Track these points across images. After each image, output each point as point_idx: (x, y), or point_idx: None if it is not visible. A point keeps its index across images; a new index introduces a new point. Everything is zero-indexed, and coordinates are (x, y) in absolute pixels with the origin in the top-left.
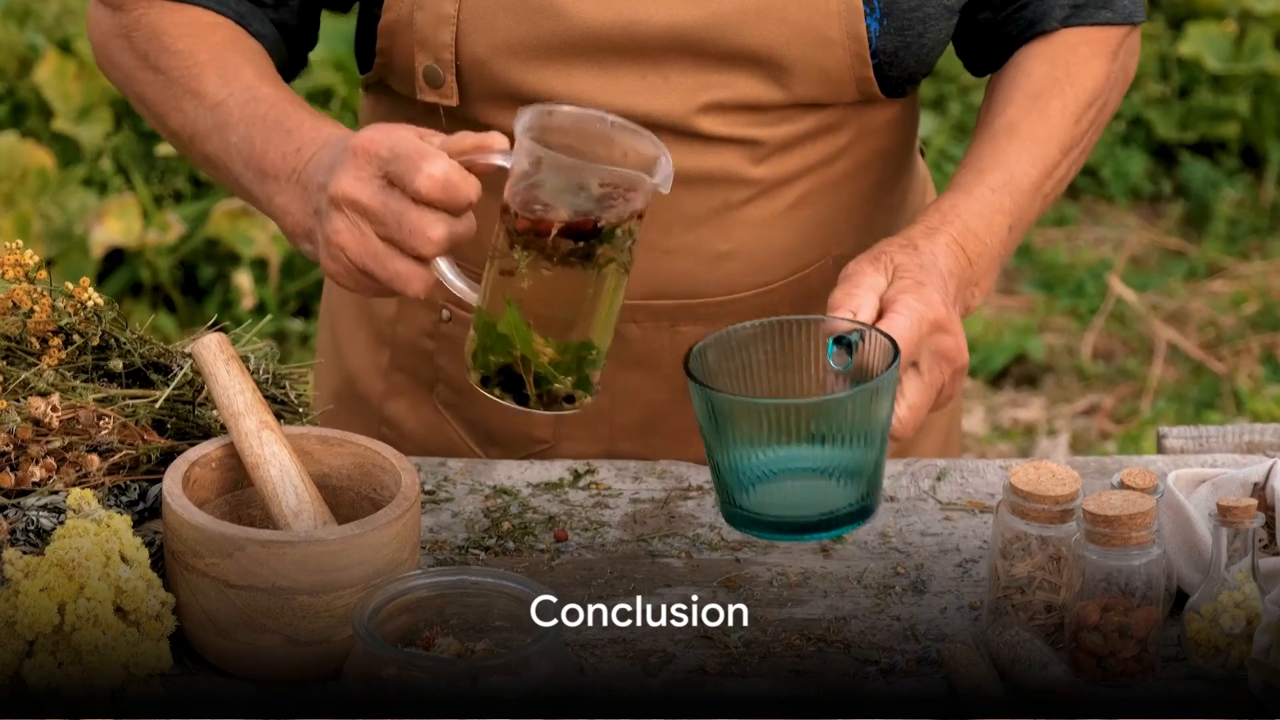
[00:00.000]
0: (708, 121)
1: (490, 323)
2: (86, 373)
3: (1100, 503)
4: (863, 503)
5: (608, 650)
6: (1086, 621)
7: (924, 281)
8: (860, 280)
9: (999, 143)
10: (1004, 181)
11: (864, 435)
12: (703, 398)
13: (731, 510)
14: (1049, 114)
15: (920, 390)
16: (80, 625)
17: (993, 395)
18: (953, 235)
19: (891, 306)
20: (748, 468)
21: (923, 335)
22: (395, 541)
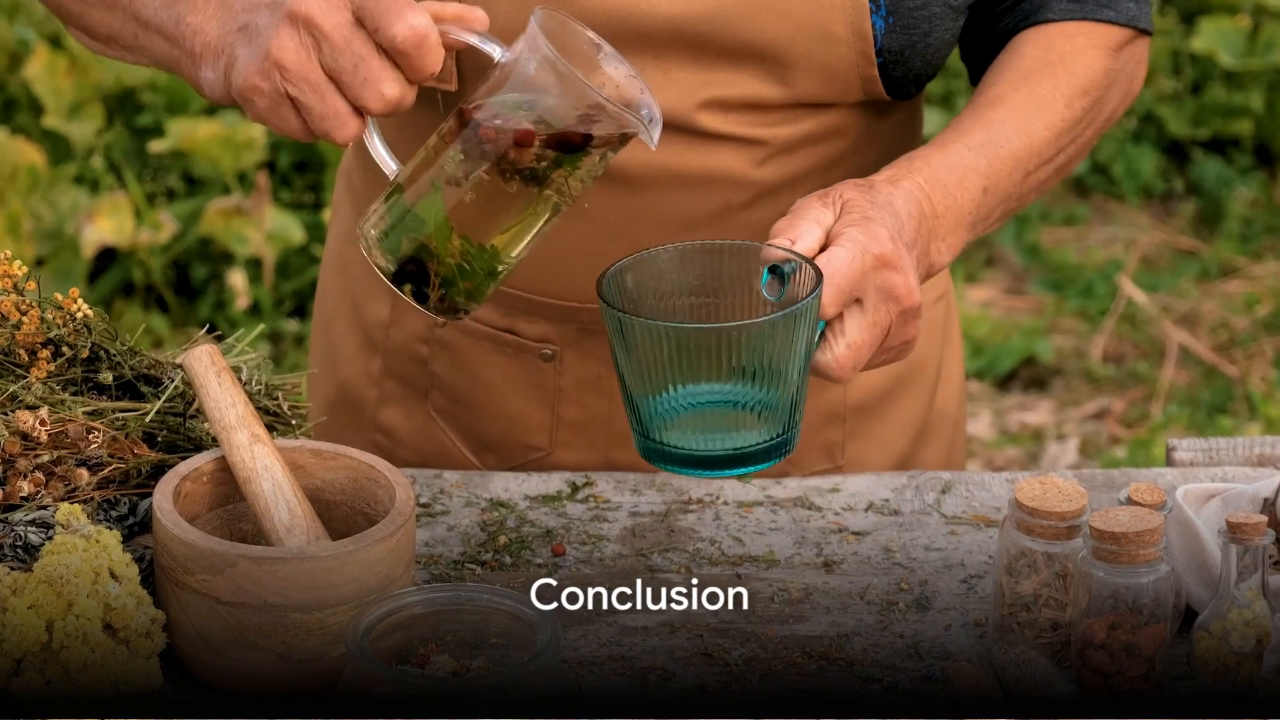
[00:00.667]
0: (709, 118)
1: (408, 206)
2: (76, 385)
3: (1107, 519)
4: (777, 440)
5: (606, 668)
6: (1093, 639)
7: (872, 217)
8: (805, 212)
9: (982, 111)
10: (983, 143)
11: (780, 368)
12: (613, 321)
13: (644, 443)
14: (1038, 92)
15: (862, 329)
16: (69, 643)
17: (1000, 398)
18: (918, 183)
19: (834, 240)
20: (660, 398)
21: (865, 270)
22: (389, 557)
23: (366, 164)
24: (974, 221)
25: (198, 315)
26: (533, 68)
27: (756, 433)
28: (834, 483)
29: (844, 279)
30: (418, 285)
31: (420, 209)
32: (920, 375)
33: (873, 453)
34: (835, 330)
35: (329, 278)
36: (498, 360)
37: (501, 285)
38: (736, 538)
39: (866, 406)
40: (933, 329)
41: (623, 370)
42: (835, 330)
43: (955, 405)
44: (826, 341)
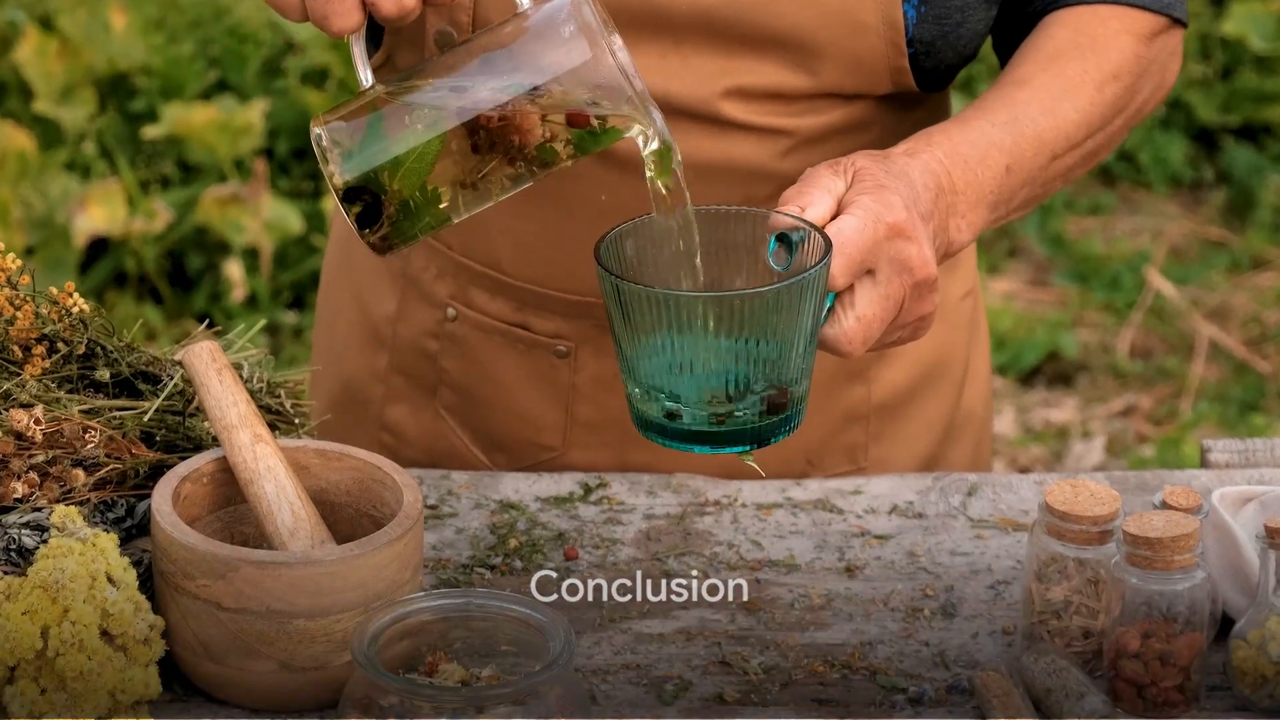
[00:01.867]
0: (731, 107)
1: (384, 136)
2: (71, 383)
3: (1141, 524)
4: (777, 419)
5: (620, 677)
6: (1126, 649)
7: (886, 185)
8: (815, 180)
9: (1007, 90)
10: (1007, 121)
11: (785, 340)
12: (610, 287)
13: (640, 416)
14: (1067, 73)
15: (873, 301)
16: (64, 650)
17: (1023, 395)
18: (937, 156)
19: (845, 208)
20: (658, 370)
21: (877, 239)
22: (396, 562)
23: None
24: (995, 201)
25: (192, 307)
26: (567, 32)
27: (759, 408)
28: (856, 484)
29: (854, 248)
30: (366, 211)
31: (397, 147)
32: (946, 373)
33: (897, 454)
34: (845, 302)
35: (333, 271)
36: (509, 356)
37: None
38: (755, 541)
39: (891, 406)
40: (959, 325)
41: (620, 340)
42: (845, 302)
43: (982, 404)
44: (836, 314)
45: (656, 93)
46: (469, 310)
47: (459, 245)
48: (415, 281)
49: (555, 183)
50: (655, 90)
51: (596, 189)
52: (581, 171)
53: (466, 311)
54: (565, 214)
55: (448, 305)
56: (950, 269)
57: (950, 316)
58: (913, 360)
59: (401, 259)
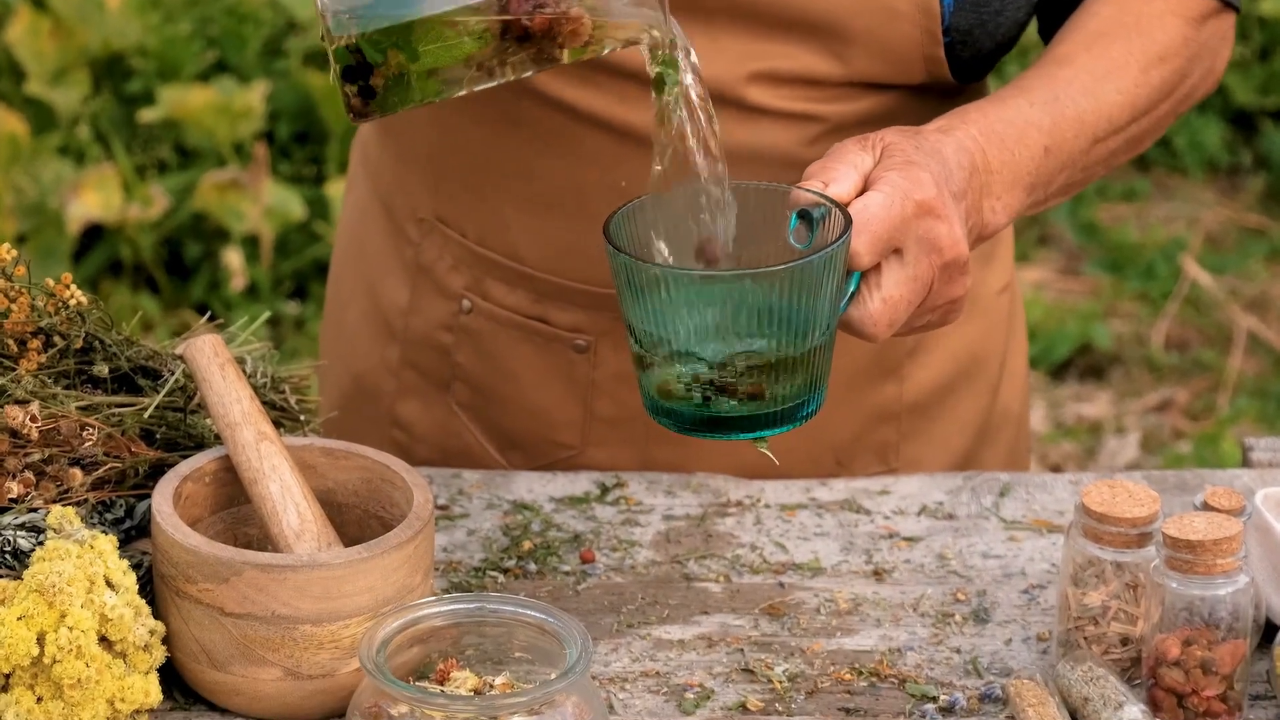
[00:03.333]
0: (757, 92)
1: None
2: (68, 378)
3: (1182, 526)
4: (797, 400)
5: (639, 685)
6: (1166, 656)
7: (916, 161)
8: (841, 155)
9: (1050, 69)
10: (1046, 100)
11: (800, 321)
12: (620, 267)
13: (651, 401)
14: (1111, 53)
15: (900, 282)
16: (61, 657)
17: (1054, 389)
18: (972, 134)
19: (872, 184)
20: (671, 352)
21: (905, 217)
22: (406, 565)
23: (384, 134)
24: (1033, 183)
25: (190, 297)
26: None
27: (776, 392)
28: (884, 484)
29: (880, 225)
30: (360, 70)
31: (414, 17)
32: (982, 371)
33: (930, 454)
34: (871, 283)
35: (343, 260)
36: (526, 351)
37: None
38: (779, 543)
39: (924, 404)
40: (996, 321)
41: (630, 321)
42: (871, 283)
43: (1019, 403)
44: (861, 295)
45: None
46: (485, 302)
47: (475, 234)
48: (428, 272)
49: (575, 171)
50: None
51: (616, 174)
52: (604, 156)
53: (482, 303)
54: (585, 201)
55: (463, 297)
56: (986, 261)
57: (987, 311)
58: (947, 356)
59: (413, 248)
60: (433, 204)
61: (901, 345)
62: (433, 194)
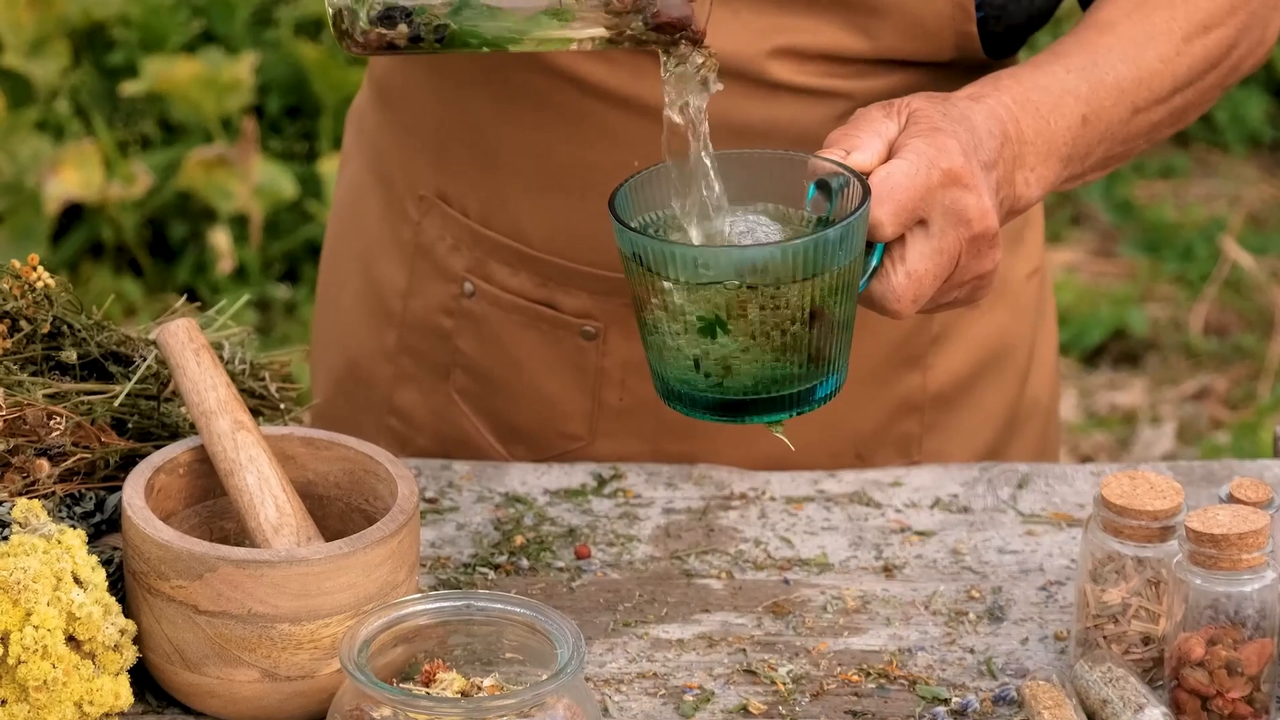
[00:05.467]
0: (779, 68)
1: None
2: (35, 365)
3: (1206, 519)
4: (817, 382)
5: (636, 687)
6: (1190, 656)
7: (942, 128)
8: (864, 122)
9: (1088, 35)
10: (1084, 66)
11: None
12: (627, 243)
13: (663, 384)
14: (1153, 20)
15: (926, 256)
16: (27, 658)
17: (1087, 376)
18: (1005, 101)
19: (896, 152)
20: (682, 330)
21: (931, 186)
22: (390, 561)
23: (383, 106)
24: (1069, 155)
25: (175, 280)
26: None
27: (793, 371)
28: (896, 476)
29: (905, 194)
30: (390, 18)
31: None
32: (1010, 359)
33: (954, 447)
34: (894, 255)
35: (337, 237)
36: (531, 337)
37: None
38: (784, 538)
39: (948, 395)
40: (1026, 307)
41: (639, 300)
42: (894, 255)
43: (1048, 393)
44: (884, 269)
45: None
46: (488, 285)
47: (477, 214)
48: (428, 252)
49: (585, 148)
50: None
51: (628, 152)
52: (615, 132)
53: (485, 287)
54: (595, 179)
55: (464, 280)
56: (1015, 244)
57: (1015, 296)
58: (973, 345)
59: (412, 227)
60: (433, 180)
61: (925, 332)
62: (433, 170)
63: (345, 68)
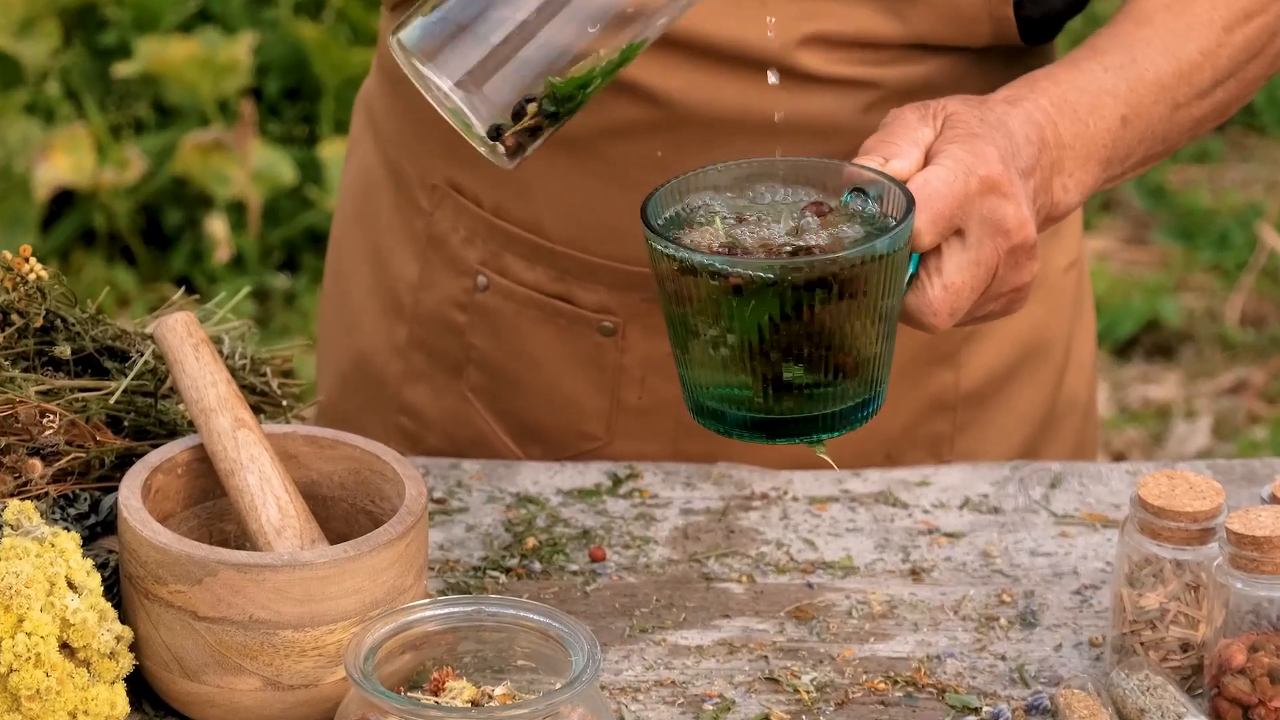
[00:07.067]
0: (810, 57)
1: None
2: (27, 360)
3: (1248, 520)
4: (853, 402)
5: (653, 695)
6: (1230, 663)
7: (979, 134)
8: (900, 128)
9: (1126, 28)
10: (1122, 64)
11: (859, 312)
12: (662, 253)
13: (695, 400)
14: (1192, 10)
15: (963, 267)
16: (19, 665)
17: (1119, 369)
18: (1042, 105)
19: (933, 158)
20: (717, 346)
21: (969, 194)
22: (397, 564)
23: (393, 91)
24: (1109, 157)
25: (170, 269)
26: None
27: (833, 390)
28: (923, 475)
29: (943, 203)
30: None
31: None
32: (1046, 356)
33: (986, 447)
34: (930, 267)
35: (345, 227)
36: (548, 333)
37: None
38: (807, 540)
39: (981, 393)
40: (1062, 302)
41: (672, 313)
42: (930, 267)
43: (1085, 391)
44: (920, 280)
45: (727, 39)
46: (502, 279)
47: (491, 204)
48: (440, 244)
49: (605, 136)
50: (729, 37)
51: (652, 143)
52: (637, 122)
53: (499, 280)
54: (617, 171)
55: (478, 272)
56: (1052, 236)
57: (1052, 291)
58: (1008, 341)
59: (424, 217)
60: (446, 170)
61: (958, 329)
62: (446, 159)
63: (347, 48)
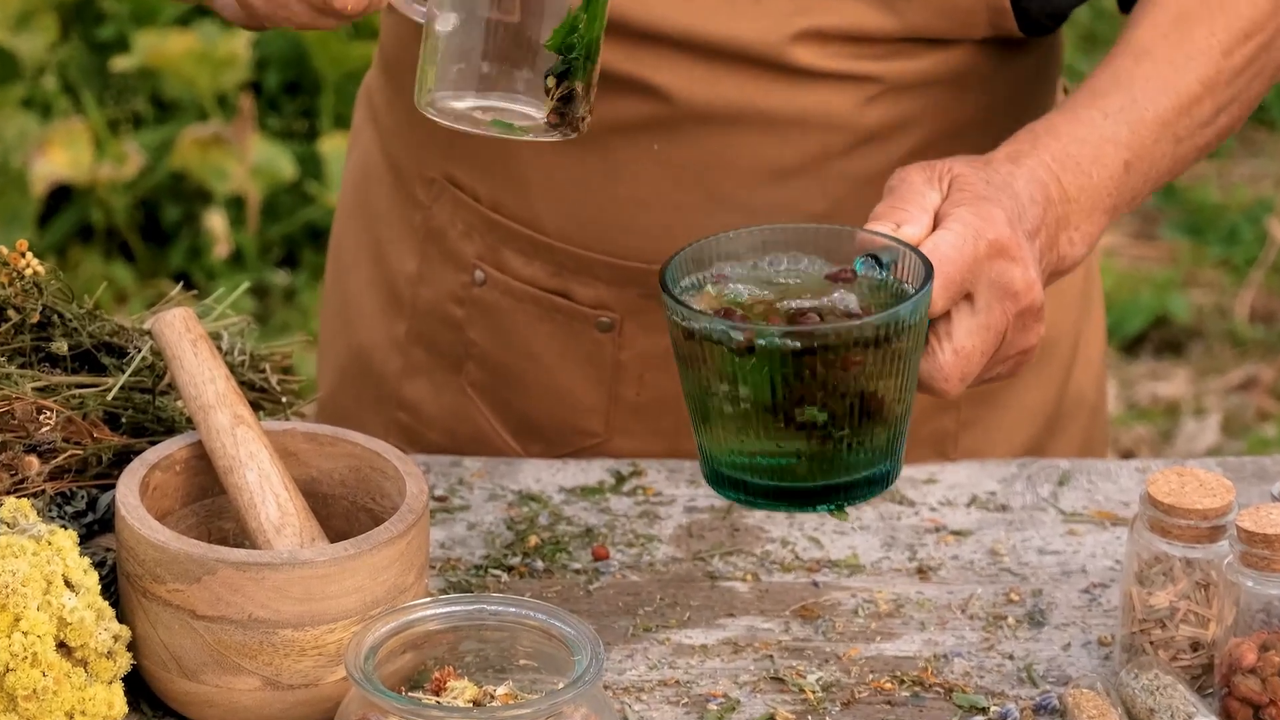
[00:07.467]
0: (804, 52)
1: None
2: (24, 356)
3: (1258, 518)
4: (875, 469)
5: (657, 695)
6: (1241, 663)
7: (986, 196)
8: (908, 193)
9: (1124, 65)
10: (1122, 107)
11: (877, 380)
12: (680, 319)
13: (711, 469)
14: (1192, 39)
15: (972, 331)
16: (16, 665)
17: (1127, 366)
18: (1044, 160)
19: (940, 222)
20: (735, 417)
21: (977, 257)
22: (398, 563)
23: (390, 83)
24: (1114, 205)
25: (168, 265)
26: None
27: (850, 459)
28: (930, 472)
29: (952, 268)
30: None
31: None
32: (1053, 352)
33: (992, 445)
34: (940, 332)
35: (345, 220)
36: (545, 328)
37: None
38: (813, 538)
39: (986, 391)
40: (1070, 298)
41: (690, 379)
42: (940, 332)
43: (1093, 388)
44: (930, 346)
45: (721, 36)
46: (500, 274)
47: (488, 198)
48: (439, 238)
49: (602, 132)
50: (720, 34)
51: (649, 138)
52: (633, 118)
53: (497, 275)
54: (614, 166)
55: (475, 267)
56: None
57: (1059, 287)
58: None
59: (422, 211)
60: (443, 163)
61: None
62: (443, 152)
63: (347, 42)
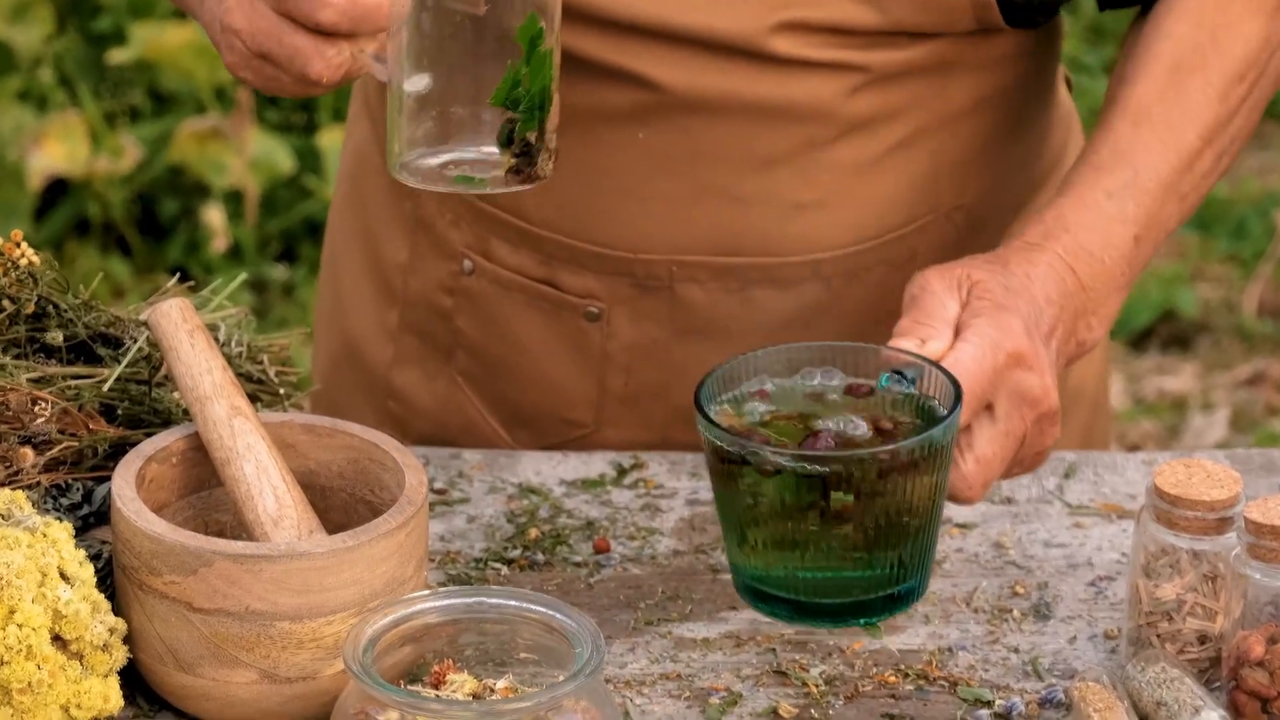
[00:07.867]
0: (784, 42)
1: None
2: (19, 347)
3: (1266, 510)
4: (903, 585)
5: (659, 688)
6: (1249, 655)
7: (1005, 305)
8: (930, 307)
9: (1124, 132)
10: (1126, 182)
11: (908, 501)
12: (714, 439)
13: (740, 580)
14: (1188, 92)
15: (992, 440)
16: (10, 658)
17: (1134, 361)
18: (1058, 254)
19: (960, 334)
20: (769, 535)
21: (997, 369)
22: (396, 555)
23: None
24: (1128, 281)
25: (166, 259)
26: None
27: (879, 576)
28: None
29: (974, 381)
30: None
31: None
32: None
33: None
34: (962, 442)
35: (340, 209)
36: (533, 317)
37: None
38: None
39: None
40: None
41: (720, 496)
42: (962, 442)
43: (1095, 381)
44: (953, 456)
45: (699, 26)
46: (488, 263)
47: None
48: (428, 227)
49: (587, 121)
50: (697, 23)
51: (634, 125)
52: (619, 108)
53: (485, 264)
54: (600, 155)
55: (464, 256)
56: None
57: None
58: None
59: (412, 200)
60: None
61: None
62: None
63: None
